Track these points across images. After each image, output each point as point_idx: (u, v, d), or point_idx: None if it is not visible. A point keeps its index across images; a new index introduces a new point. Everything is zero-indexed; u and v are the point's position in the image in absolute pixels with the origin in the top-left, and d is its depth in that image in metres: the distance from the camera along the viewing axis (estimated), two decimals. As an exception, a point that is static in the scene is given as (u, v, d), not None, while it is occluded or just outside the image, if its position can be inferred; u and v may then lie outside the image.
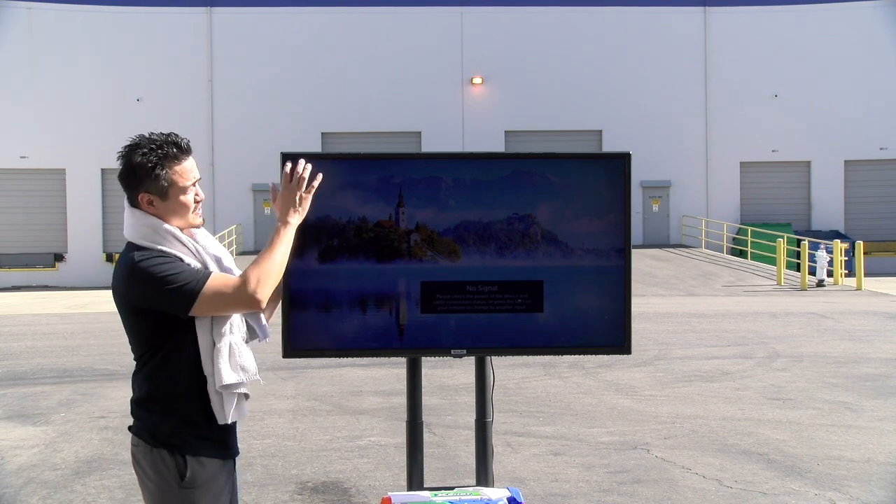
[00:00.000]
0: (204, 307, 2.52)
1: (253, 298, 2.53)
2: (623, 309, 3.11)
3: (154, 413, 2.61)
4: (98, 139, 29.22)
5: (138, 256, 2.55)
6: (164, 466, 2.58)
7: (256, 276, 2.54)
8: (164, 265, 2.53)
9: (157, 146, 2.59)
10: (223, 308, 2.55)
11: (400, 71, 30.01)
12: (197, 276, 2.53)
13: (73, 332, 14.15)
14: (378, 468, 6.09)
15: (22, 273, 29.35)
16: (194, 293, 2.50)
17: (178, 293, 2.50)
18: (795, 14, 30.78)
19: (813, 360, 10.48)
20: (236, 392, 2.62)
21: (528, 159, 3.16)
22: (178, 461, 2.58)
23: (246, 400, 2.70)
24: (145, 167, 2.57)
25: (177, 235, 2.61)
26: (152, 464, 2.60)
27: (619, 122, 30.21)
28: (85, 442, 6.94)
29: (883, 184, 31.19)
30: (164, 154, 2.59)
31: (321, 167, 2.81)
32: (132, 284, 2.55)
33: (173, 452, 2.58)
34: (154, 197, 2.61)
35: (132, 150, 2.60)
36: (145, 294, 2.53)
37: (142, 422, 2.63)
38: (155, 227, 2.60)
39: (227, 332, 2.61)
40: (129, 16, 29.64)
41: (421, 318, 3.06)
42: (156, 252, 2.56)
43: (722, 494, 5.45)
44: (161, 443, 2.58)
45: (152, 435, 2.60)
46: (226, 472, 2.67)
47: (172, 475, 2.57)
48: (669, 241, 30.75)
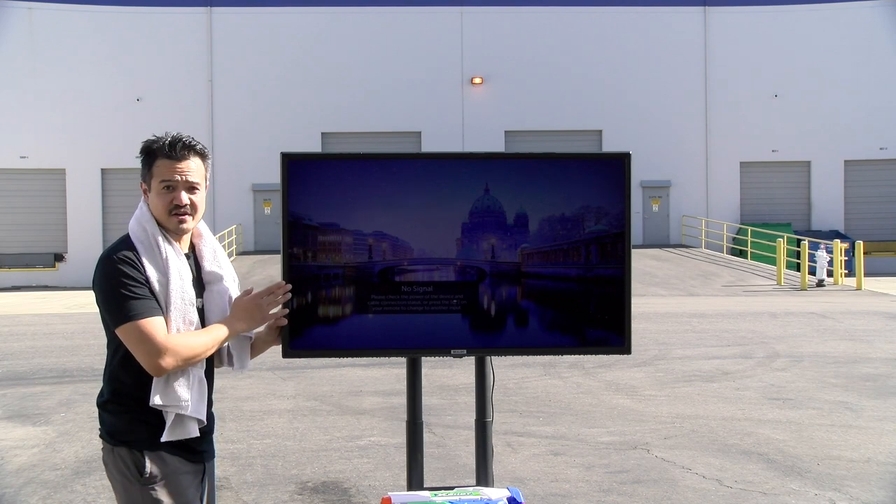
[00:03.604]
0: (125, 337, 2.53)
1: (158, 368, 2.53)
2: (623, 309, 3.11)
3: (112, 414, 2.63)
4: (98, 139, 29.24)
5: (114, 251, 2.59)
6: (123, 464, 2.61)
7: (176, 355, 2.53)
8: (126, 276, 2.54)
9: (163, 138, 2.67)
10: (133, 350, 2.53)
11: (400, 71, 30.01)
12: (141, 308, 2.52)
13: (73, 332, 14.14)
14: (378, 468, 6.09)
15: (22, 273, 29.34)
16: (126, 319, 2.52)
17: (116, 310, 2.53)
18: (796, 14, 30.78)
19: (813, 360, 10.48)
20: (171, 413, 2.60)
21: (528, 159, 3.16)
22: (136, 457, 2.59)
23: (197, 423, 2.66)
24: (143, 151, 2.68)
25: (157, 243, 2.62)
26: (114, 463, 2.62)
27: (619, 122, 30.20)
28: (85, 442, 6.94)
29: (883, 184, 31.18)
30: (160, 146, 2.65)
31: (322, 167, 2.81)
32: (97, 274, 2.60)
33: (131, 449, 2.60)
34: (145, 185, 2.70)
35: (149, 141, 2.71)
36: (99, 289, 2.59)
37: (102, 423, 2.67)
38: (144, 225, 2.64)
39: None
40: (129, 16, 29.63)
41: (421, 318, 3.06)
42: (129, 257, 2.57)
43: (722, 494, 5.45)
44: (119, 441, 2.61)
45: (111, 434, 2.63)
46: (192, 470, 2.68)
47: (132, 472, 2.59)
48: (669, 241, 30.75)
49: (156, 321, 2.54)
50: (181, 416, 2.61)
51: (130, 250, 2.60)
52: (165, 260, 2.62)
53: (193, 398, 2.62)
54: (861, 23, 30.58)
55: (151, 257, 2.61)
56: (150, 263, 2.60)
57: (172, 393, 2.57)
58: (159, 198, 2.65)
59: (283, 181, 2.96)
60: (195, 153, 2.71)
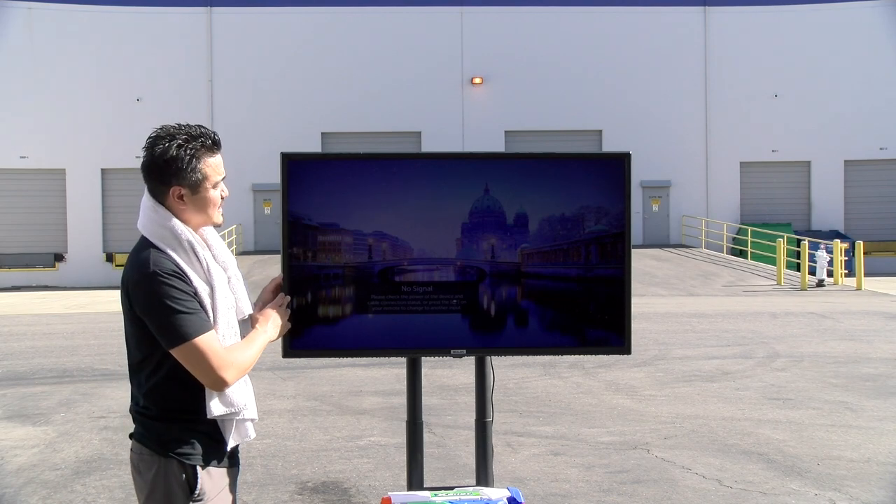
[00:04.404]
0: (183, 356, 2.42)
1: (222, 383, 2.45)
2: (623, 309, 3.11)
3: (165, 422, 2.50)
4: (98, 139, 29.25)
5: (158, 265, 2.43)
6: (173, 477, 2.47)
7: (237, 368, 2.47)
8: (176, 289, 2.42)
9: (192, 137, 2.50)
10: (193, 368, 2.43)
11: (400, 71, 30.01)
12: (198, 325, 2.42)
13: (73, 332, 14.14)
14: (378, 468, 6.09)
15: (22, 273, 29.34)
16: (183, 339, 2.40)
17: (171, 329, 2.40)
18: (795, 14, 30.78)
19: (813, 360, 10.48)
20: (232, 419, 2.55)
21: (528, 159, 3.16)
22: (188, 472, 2.48)
23: (252, 422, 2.64)
24: (183, 159, 2.47)
25: (195, 248, 2.50)
26: (158, 474, 2.47)
27: (619, 122, 30.21)
28: (85, 442, 6.94)
29: (883, 184, 31.19)
30: (200, 145, 2.50)
31: (322, 167, 2.81)
32: (141, 290, 2.43)
33: (184, 463, 2.48)
34: (186, 191, 2.50)
35: (166, 140, 2.48)
36: (146, 308, 2.43)
37: (149, 431, 2.51)
38: (175, 232, 2.49)
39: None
40: (128, 16, 29.64)
41: (421, 318, 3.06)
42: (170, 269, 2.43)
43: (722, 494, 5.45)
44: (172, 453, 2.47)
45: (162, 444, 2.48)
46: (232, 479, 2.63)
47: (181, 486, 2.47)
48: (669, 241, 30.75)
49: (212, 337, 2.44)
50: (242, 420, 2.57)
51: (171, 262, 2.44)
52: (207, 269, 2.51)
53: (251, 399, 2.59)
54: (861, 23, 30.58)
55: (192, 267, 2.48)
56: (193, 273, 2.48)
57: (228, 400, 2.50)
58: (215, 194, 2.56)
59: (283, 181, 2.96)
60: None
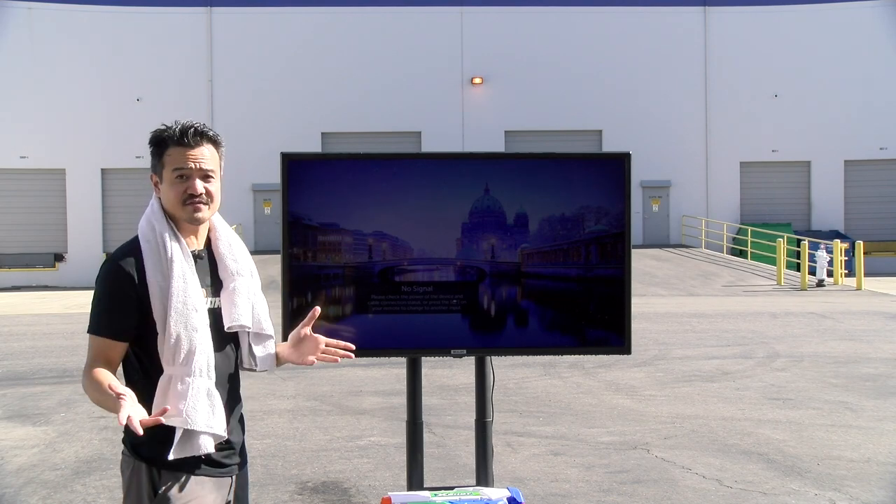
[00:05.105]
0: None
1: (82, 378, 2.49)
2: (623, 309, 3.11)
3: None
4: (98, 139, 29.23)
5: (117, 258, 2.50)
6: (143, 479, 2.47)
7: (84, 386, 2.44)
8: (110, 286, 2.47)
9: (167, 128, 2.53)
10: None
11: (400, 71, 30.00)
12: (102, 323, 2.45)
13: (73, 332, 14.14)
14: (378, 468, 6.09)
15: (22, 273, 29.33)
16: (89, 328, 2.48)
17: (90, 316, 2.48)
18: (795, 14, 30.77)
19: (813, 360, 10.48)
20: (180, 428, 2.42)
21: (528, 159, 3.16)
22: (152, 475, 2.46)
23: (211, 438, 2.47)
24: (152, 141, 2.53)
25: (164, 243, 2.48)
26: (133, 475, 2.49)
27: (619, 122, 30.19)
28: (85, 442, 6.94)
29: (883, 184, 31.17)
30: (170, 134, 2.51)
31: (322, 167, 2.81)
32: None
33: (150, 466, 2.46)
34: (156, 177, 2.54)
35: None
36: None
37: (126, 431, 2.47)
38: (153, 223, 2.51)
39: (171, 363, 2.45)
40: (128, 16, 29.63)
41: (421, 318, 3.06)
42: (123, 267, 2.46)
43: (722, 494, 5.45)
44: (140, 456, 2.48)
45: (133, 447, 2.49)
46: (215, 488, 2.54)
47: (147, 489, 2.46)
48: (669, 241, 30.74)
49: (98, 341, 2.45)
50: (190, 432, 2.42)
51: (133, 256, 2.48)
52: (170, 261, 2.46)
53: (201, 411, 2.43)
54: (861, 23, 30.57)
55: (156, 259, 2.47)
56: (154, 266, 2.47)
57: (172, 406, 2.39)
58: (172, 188, 2.49)
59: (283, 181, 2.96)
60: (208, 140, 2.54)
